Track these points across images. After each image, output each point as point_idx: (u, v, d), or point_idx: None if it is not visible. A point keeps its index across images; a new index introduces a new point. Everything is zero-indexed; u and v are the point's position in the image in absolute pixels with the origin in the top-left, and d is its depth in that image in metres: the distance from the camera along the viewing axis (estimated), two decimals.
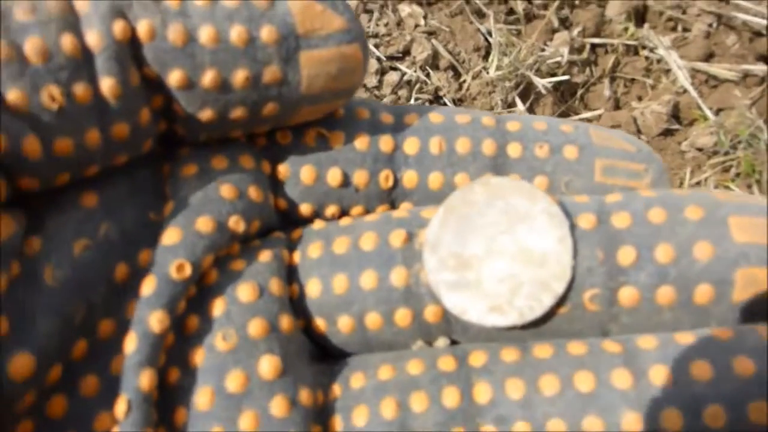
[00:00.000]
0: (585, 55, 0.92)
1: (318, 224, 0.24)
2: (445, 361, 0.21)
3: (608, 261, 0.21)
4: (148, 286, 0.20)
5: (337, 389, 0.21)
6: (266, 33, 0.21)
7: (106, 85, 0.19)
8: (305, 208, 0.24)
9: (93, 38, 0.19)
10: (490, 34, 0.90)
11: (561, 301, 0.21)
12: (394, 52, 0.87)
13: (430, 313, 0.22)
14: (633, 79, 0.93)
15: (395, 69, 0.86)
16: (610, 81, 0.93)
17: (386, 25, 0.88)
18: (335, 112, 0.24)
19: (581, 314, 0.21)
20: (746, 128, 0.84)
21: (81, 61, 0.19)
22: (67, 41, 0.19)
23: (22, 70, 0.18)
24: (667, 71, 0.92)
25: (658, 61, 0.93)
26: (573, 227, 0.21)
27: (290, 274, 0.23)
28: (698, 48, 0.92)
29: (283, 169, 0.24)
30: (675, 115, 0.88)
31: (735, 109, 0.87)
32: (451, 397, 0.20)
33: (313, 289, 0.22)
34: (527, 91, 0.87)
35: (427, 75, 0.86)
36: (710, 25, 0.92)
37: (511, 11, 0.94)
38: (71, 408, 0.19)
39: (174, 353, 0.20)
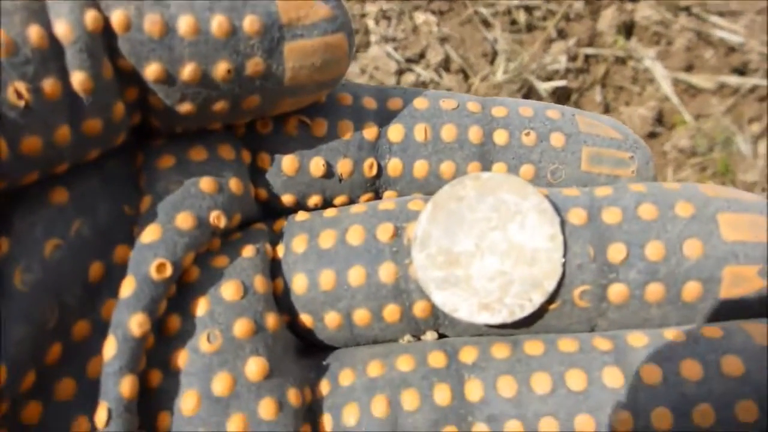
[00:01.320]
0: (579, 63, 0.89)
1: (301, 215, 0.20)
2: (435, 357, 0.18)
3: (599, 258, 0.17)
4: (127, 288, 0.16)
5: (325, 386, 0.18)
6: (249, 23, 0.17)
7: (77, 79, 0.16)
8: (287, 199, 0.20)
9: (62, 29, 0.15)
10: (496, 41, 0.86)
11: (551, 298, 0.18)
12: (411, 55, 0.84)
13: (419, 309, 0.18)
14: (621, 87, 0.90)
15: (411, 71, 0.82)
16: (602, 87, 0.90)
17: (403, 30, 0.85)
18: (317, 99, 0.21)
19: (570, 310, 0.18)
20: (722, 133, 0.81)
21: (49, 54, 0.15)
22: (33, 32, 0.15)
23: None
24: (652, 80, 0.89)
25: (644, 70, 0.90)
26: (563, 223, 0.18)
27: (274, 269, 0.19)
28: (680, 60, 0.89)
29: (264, 159, 0.20)
30: (658, 119, 0.86)
31: (712, 116, 0.85)
32: (442, 395, 0.17)
33: (298, 284, 0.19)
34: (529, 95, 0.84)
35: (440, 77, 0.82)
36: (690, 40, 0.89)
37: (514, 21, 0.90)
38: (47, 413, 0.16)
39: (155, 355, 0.17)
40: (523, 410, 0.16)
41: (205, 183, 0.18)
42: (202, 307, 0.17)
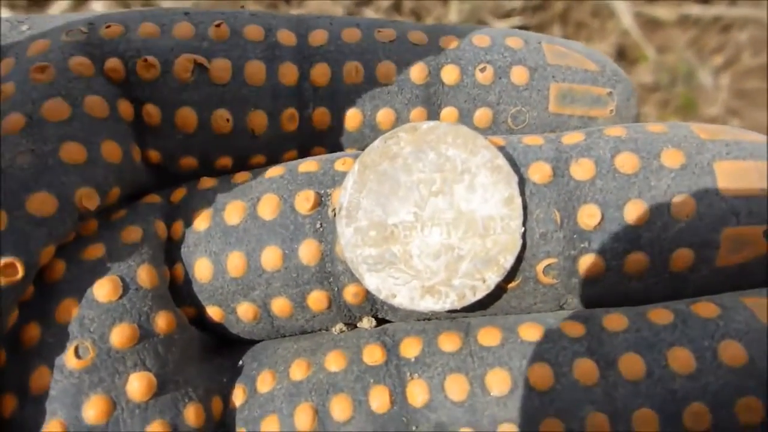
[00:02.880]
0: (537, 0, 0.87)
1: (205, 182, 0.16)
2: (371, 352, 0.14)
3: (567, 224, 0.14)
4: None
5: (240, 394, 0.15)
6: None
7: None
8: (187, 162, 0.17)
9: None
10: None
11: (509, 276, 0.14)
12: None
13: (351, 294, 0.15)
14: (581, 22, 0.88)
15: (360, 14, 0.78)
16: (561, 24, 0.87)
17: None
18: (216, 32, 0.16)
19: (533, 288, 0.15)
20: (684, 66, 0.79)
21: None
22: None
23: None
24: (613, 14, 0.87)
25: (605, 5, 0.88)
26: (523, 182, 0.14)
27: (172, 252, 0.15)
28: None
29: (152, 112, 0.16)
30: (620, 54, 0.84)
31: (674, 49, 0.83)
32: (379, 400, 0.14)
33: (202, 271, 0.15)
34: None
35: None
36: None
37: None
38: None
39: (8, 377, 0.13)
40: (477, 416, 0.13)
41: (69, 150, 0.14)
42: (68, 312, 0.14)
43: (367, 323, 0.16)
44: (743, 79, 0.81)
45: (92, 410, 0.13)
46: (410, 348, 0.14)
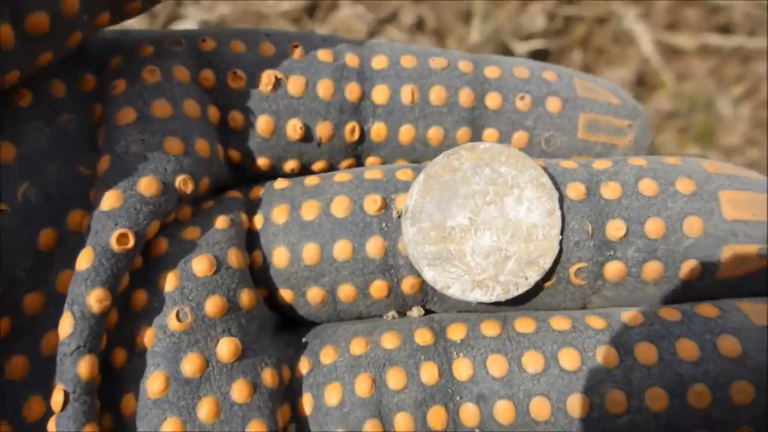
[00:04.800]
0: (558, 24, 0.88)
1: (280, 183, 0.19)
2: (421, 334, 0.17)
3: (597, 234, 0.17)
4: (84, 260, 0.16)
5: (305, 364, 0.17)
6: None
7: None
8: (262, 162, 0.20)
9: None
10: (471, 0, 0.85)
11: (546, 275, 0.18)
12: (383, 15, 0.82)
13: (408, 286, 0.18)
14: (602, 48, 0.90)
15: (383, 32, 0.81)
16: (581, 49, 0.89)
17: None
18: (293, 53, 0.19)
19: (565, 288, 0.18)
20: (703, 95, 0.82)
21: None
22: None
23: None
24: (633, 41, 0.89)
25: (626, 31, 0.89)
26: (562, 199, 0.17)
27: (251, 240, 0.18)
28: (662, 19, 0.88)
29: (236, 117, 0.19)
30: (639, 81, 0.86)
31: (694, 77, 0.85)
32: (429, 373, 0.17)
33: (279, 258, 0.18)
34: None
35: (413, 38, 0.81)
36: None
37: None
38: None
39: (119, 333, 0.16)
40: (513, 390, 0.16)
41: (171, 143, 0.17)
42: (171, 282, 0.17)
43: (416, 312, 0.19)
44: (762, 110, 0.82)
45: (189, 365, 0.16)
46: (456, 332, 0.17)
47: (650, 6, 0.91)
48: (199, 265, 0.17)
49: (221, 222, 0.18)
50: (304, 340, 0.18)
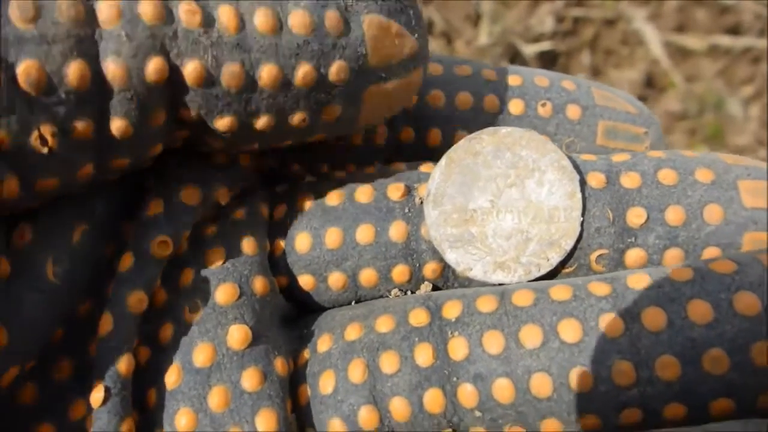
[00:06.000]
0: (567, 25, 0.89)
1: (308, 179, 0.20)
2: (416, 315, 0.17)
3: (617, 221, 0.18)
4: (125, 263, 0.16)
5: (305, 355, 0.18)
6: (336, 70, 0.16)
7: (117, 125, 0.15)
8: (297, 168, 0.21)
9: (114, 71, 0.14)
10: (479, 3, 0.86)
11: (567, 258, 0.18)
12: None
13: (430, 270, 0.18)
14: (610, 49, 0.90)
15: None
16: (590, 50, 0.90)
17: None
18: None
19: (585, 274, 0.18)
20: (713, 95, 0.82)
21: (89, 96, 0.14)
22: (73, 70, 0.13)
23: (11, 100, 0.13)
24: (642, 42, 0.89)
25: (634, 32, 0.90)
26: (583, 182, 0.18)
27: (275, 230, 0.19)
28: (671, 21, 0.89)
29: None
30: (648, 82, 0.86)
31: (703, 78, 0.86)
32: (424, 355, 0.16)
33: (302, 243, 0.19)
34: (514, 59, 0.84)
35: None
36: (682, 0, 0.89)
37: None
38: (43, 395, 0.16)
39: (145, 332, 0.17)
40: (512, 367, 0.16)
41: (216, 157, 0.18)
42: (187, 277, 0.17)
43: (424, 289, 0.19)
44: None
45: (200, 355, 0.16)
46: (451, 310, 0.17)
47: (659, 7, 0.91)
48: (212, 257, 0.18)
49: (237, 214, 0.19)
50: (306, 331, 0.19)
